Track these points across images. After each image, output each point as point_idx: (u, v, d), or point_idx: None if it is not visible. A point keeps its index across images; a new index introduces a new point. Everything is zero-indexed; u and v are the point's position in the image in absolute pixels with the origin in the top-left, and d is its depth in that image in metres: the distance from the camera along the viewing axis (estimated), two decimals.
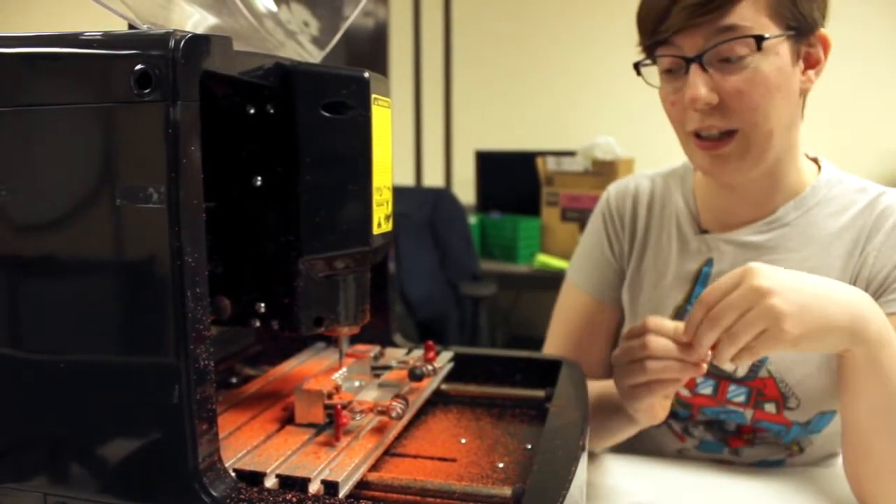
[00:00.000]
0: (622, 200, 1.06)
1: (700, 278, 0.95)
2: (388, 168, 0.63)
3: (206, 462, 0.48)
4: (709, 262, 0.95)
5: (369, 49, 3.59)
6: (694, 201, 0.99)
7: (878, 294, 0.84)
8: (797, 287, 0.69)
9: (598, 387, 0.91)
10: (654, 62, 0.86)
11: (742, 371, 0.91)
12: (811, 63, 0.85)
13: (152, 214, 0.45)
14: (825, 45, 0.85)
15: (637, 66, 0.88)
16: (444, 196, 2.66)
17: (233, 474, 0.52)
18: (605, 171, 2.70)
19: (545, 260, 2.78)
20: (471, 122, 3.55)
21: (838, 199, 0.90)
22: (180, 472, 0.47)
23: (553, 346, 1.07)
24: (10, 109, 0.48)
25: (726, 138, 0.83)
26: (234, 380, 0.78)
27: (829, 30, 0.84)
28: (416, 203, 2.53)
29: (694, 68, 0.80)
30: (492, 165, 3.24)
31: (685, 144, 0.88)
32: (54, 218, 0.49)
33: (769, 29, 0.79)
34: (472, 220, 2.93)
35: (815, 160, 0.95)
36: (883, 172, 3.01)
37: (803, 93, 0.86)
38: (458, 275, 2.57)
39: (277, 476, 0.53)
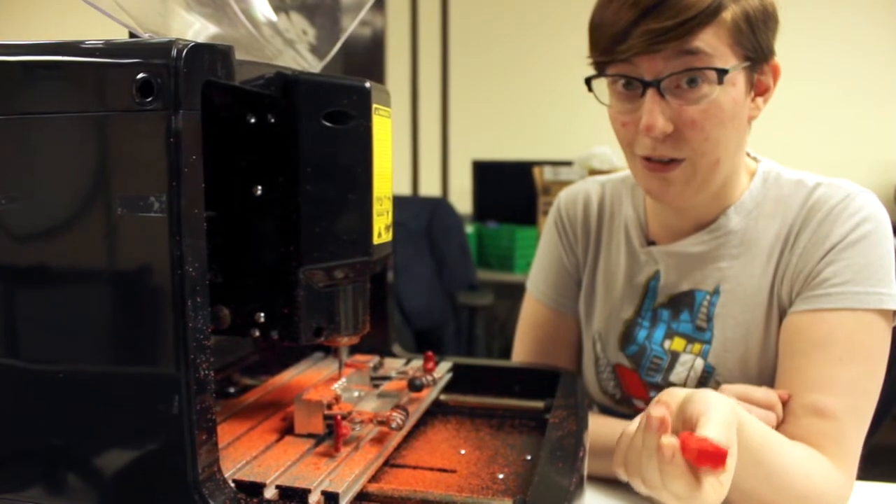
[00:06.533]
0: (573, 207, 1.04)
1: (648, 292, 0.95)
2: (389, 178, 0.63)
3: (206, 473, 0.47)
4: (656, 275, 0.94)
5: (366, 58, 3.60)
6: (644, 211, 0.97)
7: (799, 291, 0.83)
8: None
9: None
10: (603, 76, 0.83)
11: (691, 385, 0.90)
12: (760, 91, 0.84)
13: (153, 223, 0.45)
14: (776, 74, 0.84)
15: (589, 83, 0.84)
16: (440, 205, 2.65)
17: (232, 485, 0.51)
18: None
19: None
20: (467, 132, 3.55)
21: (774, 198, 0.89)
22: (180, 482, 0.47)
23: (520, 358, 1.06)
24: (10, 118, 0.48)
25: (674, 163, 0.81)
26: (232, 389, 0.78)
27: (825, 41, 0.84)
28: (413, 213, 2.53)
29: (651, 94, 0.77)
30: (489, 175, 3.24)
31: (631, 164, 0.87)
32: (54, 227, 0.49)
33: (729, 59, 0.77)
34: (469, 229, 2.93)
35: (754, 159, 0.94)
36: (878, 183, 3.02)
37: (751, 119, 0.85)
38: (454, 284, 2.57)
39: (277, 487, 0.53)
